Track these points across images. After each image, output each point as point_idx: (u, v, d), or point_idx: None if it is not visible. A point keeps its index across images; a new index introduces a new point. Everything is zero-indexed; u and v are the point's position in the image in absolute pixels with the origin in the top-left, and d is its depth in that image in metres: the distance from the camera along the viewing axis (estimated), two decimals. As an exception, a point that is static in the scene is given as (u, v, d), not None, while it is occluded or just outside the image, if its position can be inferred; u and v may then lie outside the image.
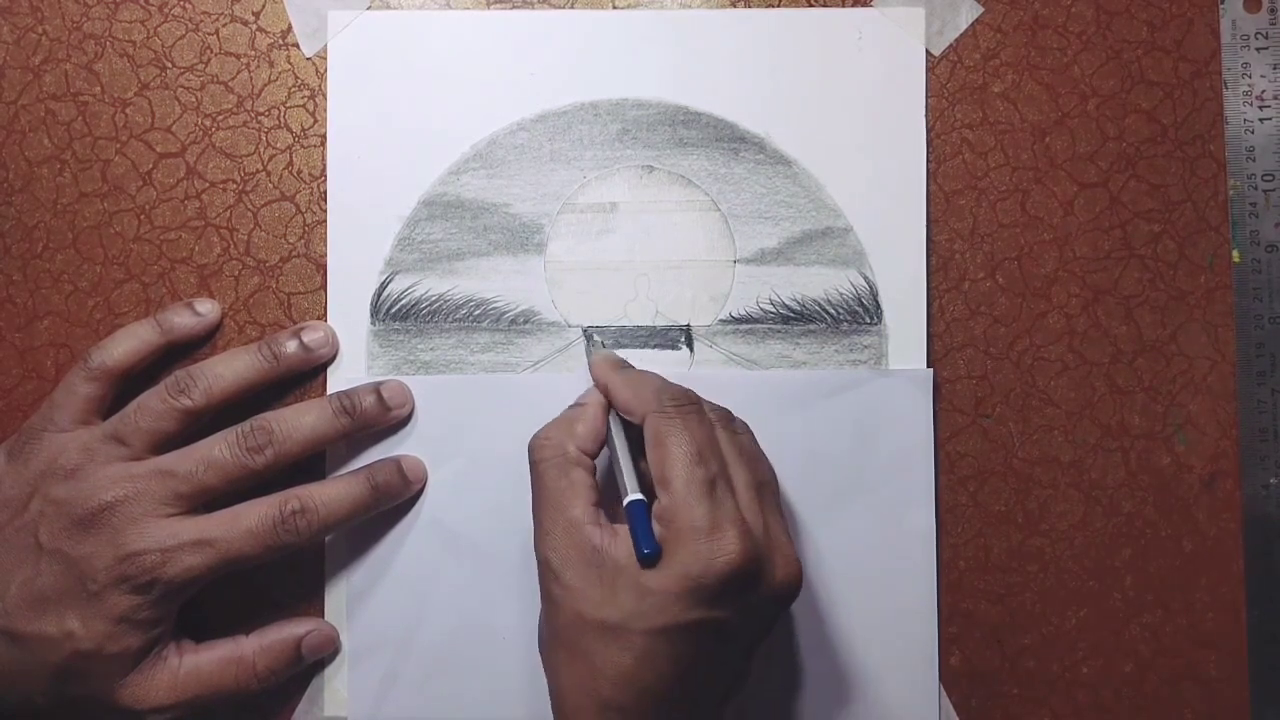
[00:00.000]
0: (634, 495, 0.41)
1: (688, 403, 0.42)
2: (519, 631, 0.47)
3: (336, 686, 0.47)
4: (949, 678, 0.48)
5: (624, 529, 0.40)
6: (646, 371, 0.45)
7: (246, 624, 0.46)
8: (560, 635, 0.40)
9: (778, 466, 0.44)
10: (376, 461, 0.47)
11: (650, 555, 0.39)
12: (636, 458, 0.43)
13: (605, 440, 0.43)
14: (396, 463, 0.47)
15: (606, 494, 0.43)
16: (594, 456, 0.43)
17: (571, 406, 0.44)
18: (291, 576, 0.47)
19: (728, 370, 0.48)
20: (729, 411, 0.44)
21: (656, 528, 0.40)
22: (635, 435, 0.43)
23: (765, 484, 0.42)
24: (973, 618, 0.48)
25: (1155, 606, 0.48)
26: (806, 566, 0.46)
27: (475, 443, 0.47)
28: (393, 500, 0.46)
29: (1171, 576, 0.48)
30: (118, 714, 0.43)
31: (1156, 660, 0.48)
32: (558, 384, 0.47)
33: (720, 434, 0.42)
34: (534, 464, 0.42)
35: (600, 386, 0.44)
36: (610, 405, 0.44)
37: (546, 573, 0.41)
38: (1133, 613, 0.48)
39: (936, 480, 0.48)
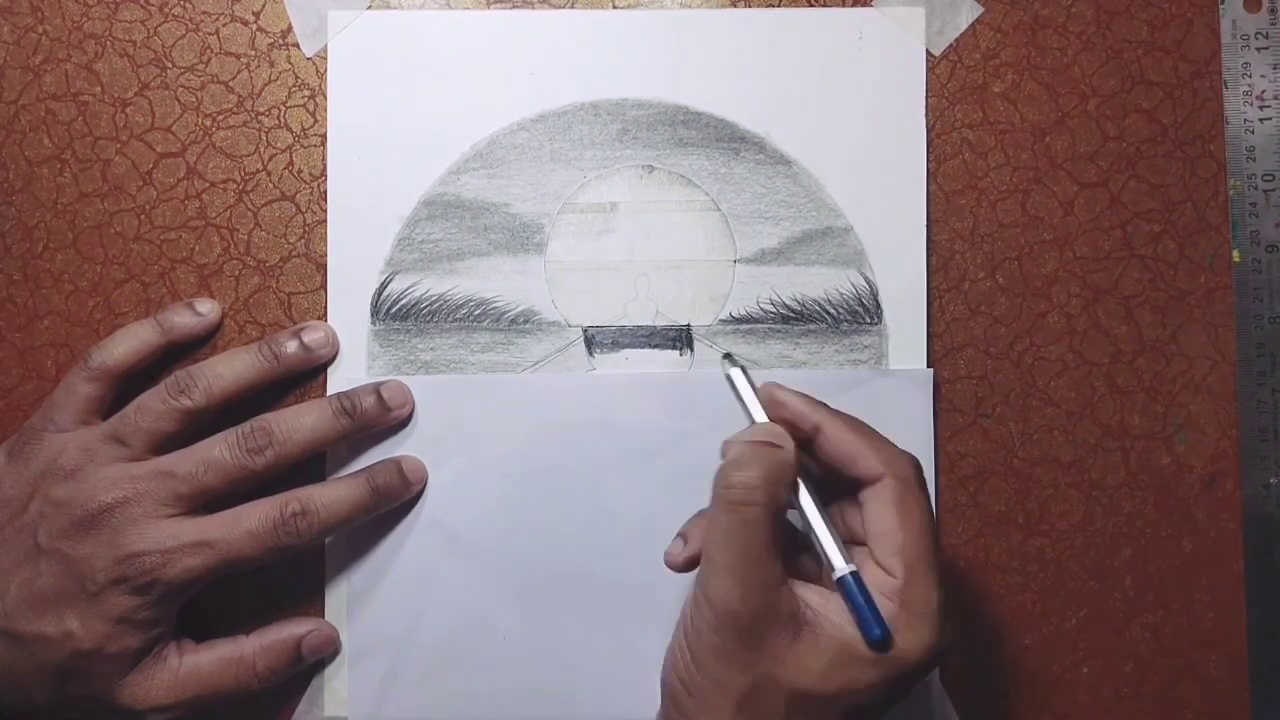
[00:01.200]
0: (850, 567, 0.38)
1: (920, 469, 0.39)
2: (519, 631, 0.47)
3: (336, 686, 0.47)
4: (949, 678, 0.48)
5: (832, 596, 0.38)
6: (863, 422, 0.40)
7: (246, 624, 0.46)
8: (741, 698, 0.37)
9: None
10: (377, 463, 0.47)
11: (883, 639, 0.36)
12: (828, 517, 0.39)
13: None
14: (397, 464, 0.47)
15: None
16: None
17: (762, 442, 0.39)
18: (292, 576, 0.47)
19: (728, 370, 0.48)
20: None
21: (885, 605, 0.37)
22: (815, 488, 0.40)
23: None
24: (973, 618, 0.48)
25: (1155, 606, 0.48)
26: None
27: (475, 443, 0.47)
28: (393, 501, 0.46)
29: (1171, 576, 0.48)
30: (118, 714, 0.43)
31: (1156, 660, 0.48)
32: (558, 384, 0.47)
33: None
34: (739, 504, 0.38)
35: (806, 425, 0.40)
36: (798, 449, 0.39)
37: (732, 630, 0.37)
38: (1133, 613, 0.48)
39: (936, 480, 0.48)
